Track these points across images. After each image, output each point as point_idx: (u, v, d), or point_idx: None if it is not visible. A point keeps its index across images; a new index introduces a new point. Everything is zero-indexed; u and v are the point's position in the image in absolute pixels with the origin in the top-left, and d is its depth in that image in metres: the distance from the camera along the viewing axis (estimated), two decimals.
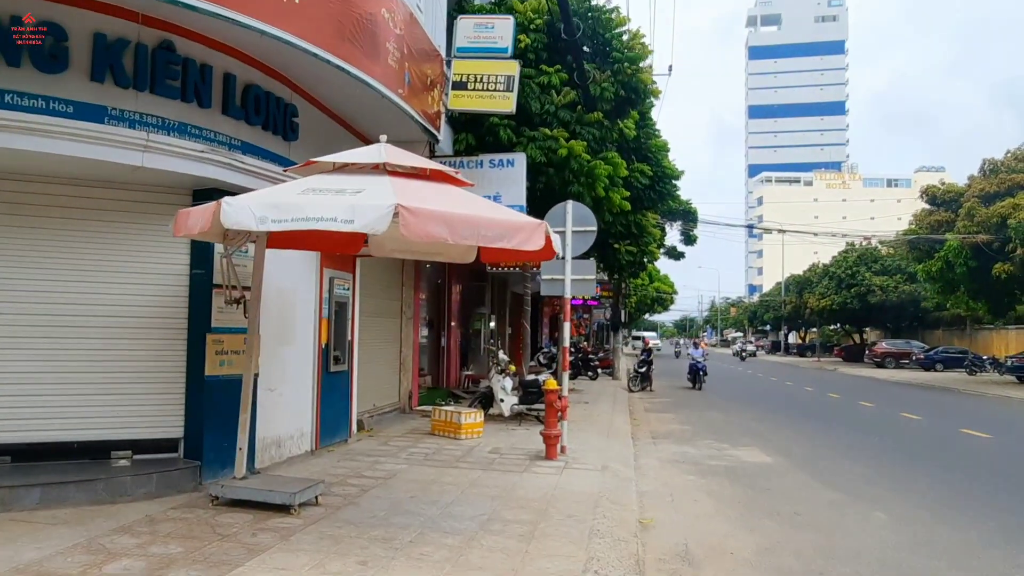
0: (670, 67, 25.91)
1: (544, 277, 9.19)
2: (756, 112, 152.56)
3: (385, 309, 12.59)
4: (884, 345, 45.63)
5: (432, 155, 9.84)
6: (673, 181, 19.94)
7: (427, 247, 6.64)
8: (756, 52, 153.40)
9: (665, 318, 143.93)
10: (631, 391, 22.03)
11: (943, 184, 31.14)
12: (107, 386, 6.69)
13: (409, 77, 8.06)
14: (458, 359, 17.58)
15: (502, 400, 12.12)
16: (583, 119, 11.21)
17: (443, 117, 9.85)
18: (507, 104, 9.68)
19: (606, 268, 21.90)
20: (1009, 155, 29.74)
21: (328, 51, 6.54)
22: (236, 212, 4.64)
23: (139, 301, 6.80)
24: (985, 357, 36.37)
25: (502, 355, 13.26)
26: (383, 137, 5.73)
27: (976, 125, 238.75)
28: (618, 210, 12.42)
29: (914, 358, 41.96)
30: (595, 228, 9.13)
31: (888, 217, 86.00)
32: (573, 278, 9.09)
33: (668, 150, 19.45)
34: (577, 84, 11.53)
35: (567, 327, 9.21)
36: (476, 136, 11.14)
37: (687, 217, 31.76)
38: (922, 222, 30.85)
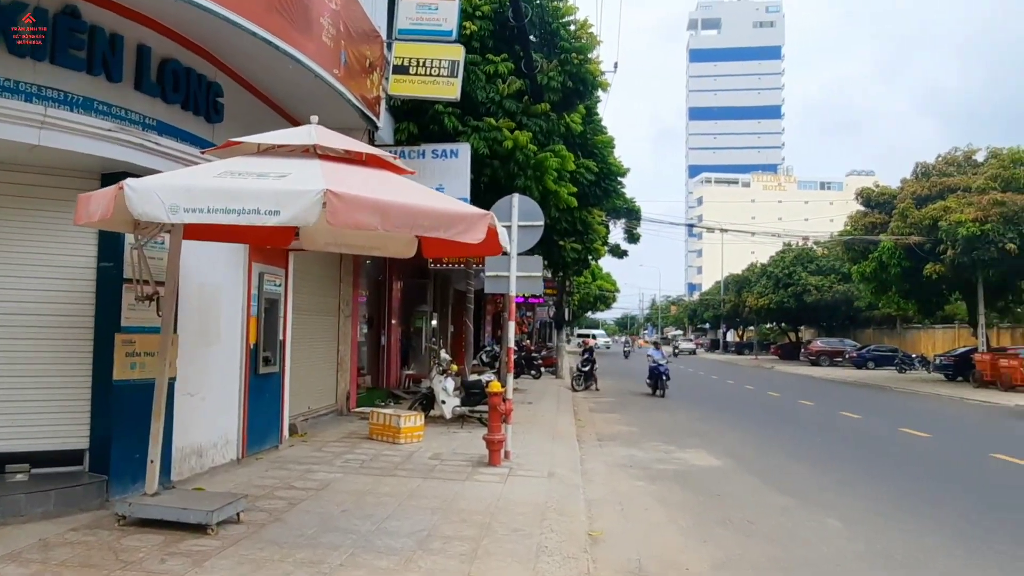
0: (615, 64, 25.84)
1: (488, 274, 8.77)
2: (696, 114, 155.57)
3: (322, 306, 11.95)
4: (819, 343, 46.90)
5: (372, 143, 9.28)
6: (619, 178, 19.74)
7: (363, 240, 6.12)
8: (697, 55, 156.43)
9: (607, 316, 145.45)
10: (575, 390, 21.82)
11: (877, 186, 31.99)
12: (1, 392, 5.95)
13: (346, 57, 7.50)
14: (399, 358, 17.00)
15: (443, 402, 11.64)
16: (530, 110, 10.81)
17: (383, 103, 9.30)
18: (451, 91, 9.20)
19: (551, 265, 21.60)
20: (940, 159, 30.74)
21: (253, 22, 5.95)
22: (142, 199, 4.05)
23: (39, 297, 6.07)
24: (914, 355, 37.66)
25: (444, 354, 12.78)
26: (314, 118, 5.19)
27: (903, 132, 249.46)
28: (565, 206, 12.08)
29: (847, 356, 43.27)
30: (542, 223, 8.75)
31: (821, 219, 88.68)
32: (519, 275, 8.69)
33: (614, 146, 19.25)
34: (524, 73, 11.13)
35: (511, 326, 8.80)
36: (419, 125, 10.62)
37: (631, 215, 31.83)
38: (857, 223, 31.63)
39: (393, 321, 16.60)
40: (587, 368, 22.38)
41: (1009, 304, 32.65)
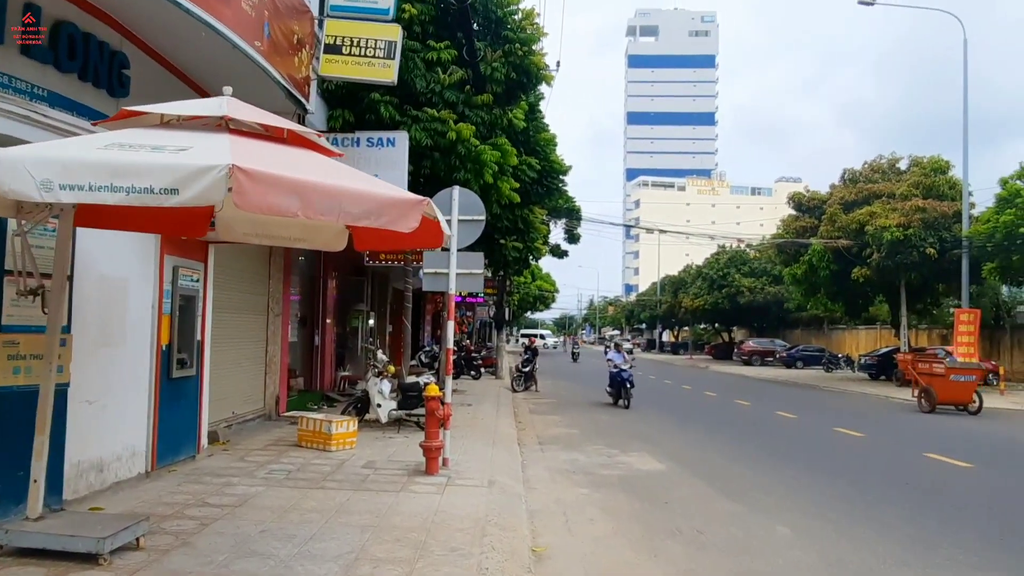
0: (558, 63, 25.60)
1: (427, 271, 8.24)
2: (634, 118, 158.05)
3: (249, 304, 11.18)
4: (751, 343, 47.96)
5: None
6: (561, 176, 19.46)
7: (287, 231, 5.51)
8: (635, 61, 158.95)
9: (546, 316, 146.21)
10: (515, 391, 21.44)
11: (808, 191, 32.80)
12: None
13: (269, 30, 6.85)
14: (333, 359, 16.23)
15: (379, 405, 11.02)
16: (472, 101, 10.33)
17: (314, 86, 8.65)
18: (387, 73, 8.62)
19: (492, 264, 21.20)
20: (866, 166, 31.73)
21: None
22: (8, 173, 3.39)
23: None
24: (840, 355, 38.83)
25: (381, 355, 12.16)
26: (227, 89, 4.58)
27: (825, 141, 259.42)
28: (507, 201, 11.64)
29: (777, 356, 44.34)
30: (484, 217, 8.29)
31: (752, 222, 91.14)
32: (459, 272, 8.19)
33: (556, 144, 18.96)
34: (466, 62, 10.63)
35: (451, 326, 8.30)
36: (355, 113, 10.00)
37: (571, 215, 31.69)
38: (789, 227, 32.35)
39: (328, 320, 15.84)
40: (527, 368, 22.04)
41: (927, 306, 34.00)
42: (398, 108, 9.78)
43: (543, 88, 12.94)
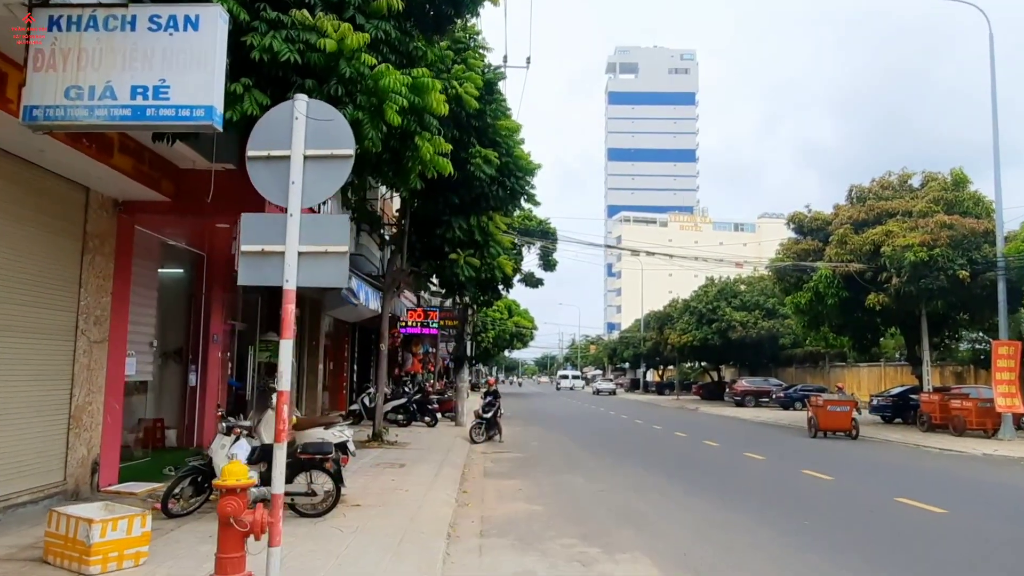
0: (528, 59, 22.29)
1: (245, 248, 4.48)
2: (615, 155, 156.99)
3: (32, 323, 7.32)
4: (744, 383, 44.32)
5: (46, 3, 4.93)
6: (527, 177, 15.84)
7: None
8: (615, 97, 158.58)
9: (526, 355, 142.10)
10: (474, 442, 17.50)
11: (810, 211, 29.49)
12: None
13: None
14: (222, 405, 12.26)
15: None
16: (369, 6, 6.68)
17: None
18: None
19: (443, 284, 17.44)
20: (875, 183, 28.54)
21: None
22: None
23: None
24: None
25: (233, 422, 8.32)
26: None
27: (788, 182, 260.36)
28: (432, 174, 7.91)
29: (773, 396, 40.72)
30: (351, 152, 4.56)
31: (735, 259, 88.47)
32: (305, 249, 4.43)
33: (520, 136, 15.41)
34: None
35: (286, 351, 4.49)
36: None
37: (547, 236, 28.12)
38: (789, 251, 28.92)
39: (215, 353, 11.95)
40: (489, 414, 18.10)
41: (945, 340, 30.60)
42: (247, 5, 6.13)
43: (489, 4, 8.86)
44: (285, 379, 4.40)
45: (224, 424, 7.20)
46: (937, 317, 25.89)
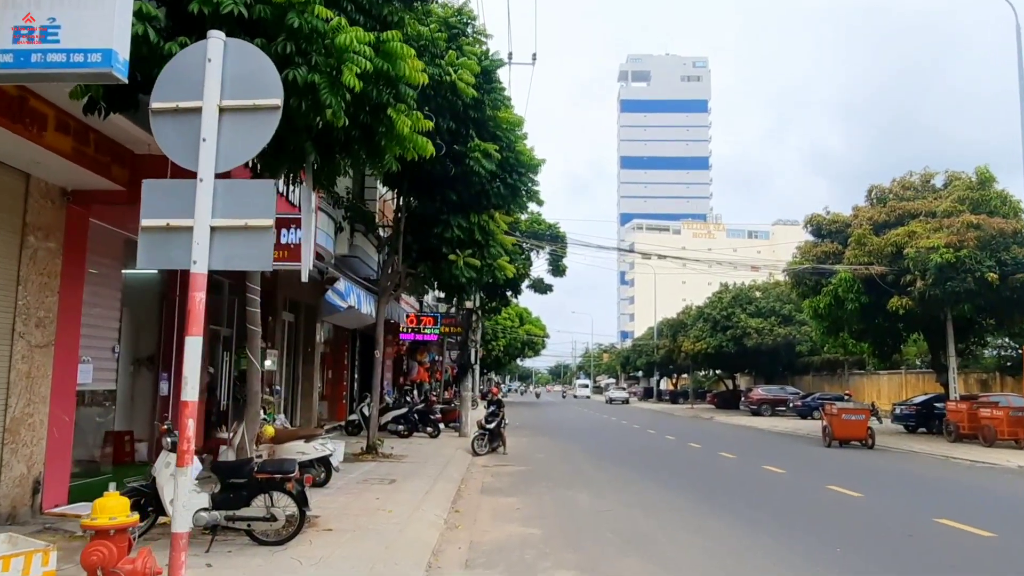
0: (534, 55, 21.49)
1: (146, 223, 3.61)
2: (627, 163, 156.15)
3: None
4: (760, 391, 43.06)
5: None
6: (530, 174, 14.94)
7: None
8: (628, 105, 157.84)
9: (539, 364, 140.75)
10: (476, 454, 16.57)
11: (828, 213, 28.37)
12: None
13: None
14: (200, 416, 11.40)
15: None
16: None
17: None
18: None
19: (442, 287, 16.55)
20: (896, 183, 27.43)
21: None
22: None
23: None
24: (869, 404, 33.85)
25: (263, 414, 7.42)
26: None
27: (797, 187, 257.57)
28: (416, 155, 7.02)
29: (791, 405, 39.48)
30: (278, 102, 3.67)
31: (750, 263, 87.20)
32: (220, 223, 3.55)
33: (522, 128, 14.52)
34: None
35: (192, 347, 3.61)
36: None
37: (556, 241, 27.18)
38: (807, 254, 27.78)
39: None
40: (492, 425, 17.15)
41: (970, 346, 29.31)
42: None
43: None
44: (191, 385, 3.51)
45: (169, 439, 6.30)
46: (963, 322, 24.71)
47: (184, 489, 3.57)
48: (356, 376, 23.36)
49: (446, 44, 12.25)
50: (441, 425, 20.74)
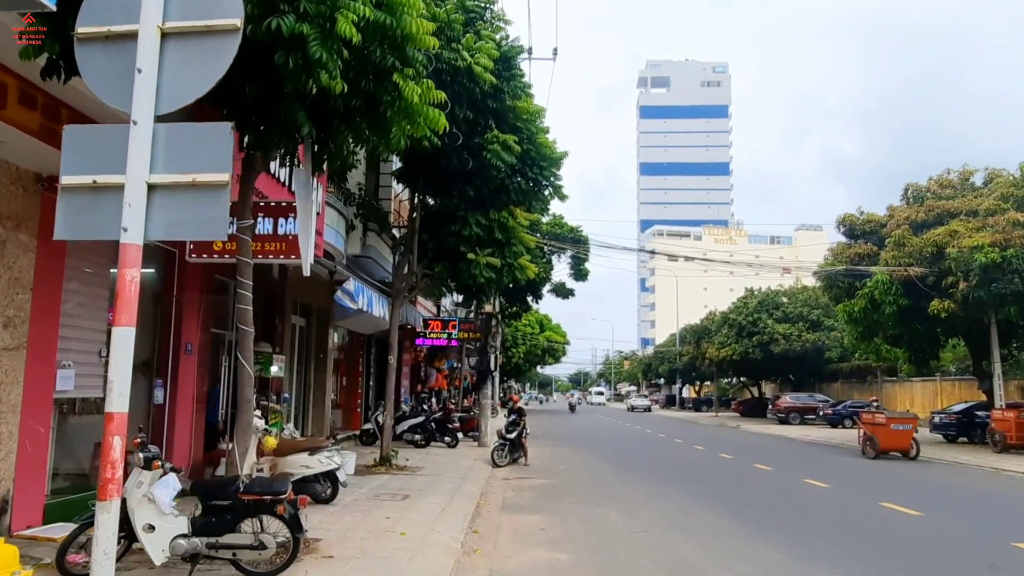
0: (555, 50, 20.68)
1: (67, 181, 2.78)
2: (647, 169, 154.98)
3: None
4: (788, 399, 41.69)
5: None
6: (552, 168, 14.07)
7: None
8: (647, 111, 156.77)
9: (559, 371, 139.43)
10: (496, 465, 15.68)
11: (862, 213, 27.18)
12: None
13: None
14: (194, 427, 10.63)
15: (150, 528, 5.38)
16: None
17: None
18: None
19: (460, 288, 15.70)
20: (933, 181, 26.23)
21: None
22: None
23: None
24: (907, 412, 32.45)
25: (258, 421, 6.62)
26: None
27: (817, 194, 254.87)
28: (419, 108, 6.13)
29: (820, 413, 38.09)
30: (236, 22, 2.83)
31: (773, 272, 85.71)
32: (159, 180, 2.71)
33: (543, 118, 13.67)
34: None
35: (121, 339, 2.78)
36: None
37: (578, 243, 26.26)
38: (840, 255, 26.60)
39: (194, 368, 10.35)
40: (513, 435, 16.25)
41: (1013, 351, 27.95)
42: None
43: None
44: (117, 392, 2.67)
45: (142, 455, 5.49)
46: (1007, 325, 23.42)
47: (106, 533, 2.73)
48: (371, 384, 22.56)
49: (463, 27, 11.46)
50: (460, 434, 19.86)
